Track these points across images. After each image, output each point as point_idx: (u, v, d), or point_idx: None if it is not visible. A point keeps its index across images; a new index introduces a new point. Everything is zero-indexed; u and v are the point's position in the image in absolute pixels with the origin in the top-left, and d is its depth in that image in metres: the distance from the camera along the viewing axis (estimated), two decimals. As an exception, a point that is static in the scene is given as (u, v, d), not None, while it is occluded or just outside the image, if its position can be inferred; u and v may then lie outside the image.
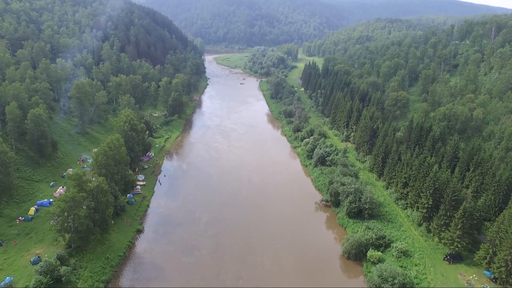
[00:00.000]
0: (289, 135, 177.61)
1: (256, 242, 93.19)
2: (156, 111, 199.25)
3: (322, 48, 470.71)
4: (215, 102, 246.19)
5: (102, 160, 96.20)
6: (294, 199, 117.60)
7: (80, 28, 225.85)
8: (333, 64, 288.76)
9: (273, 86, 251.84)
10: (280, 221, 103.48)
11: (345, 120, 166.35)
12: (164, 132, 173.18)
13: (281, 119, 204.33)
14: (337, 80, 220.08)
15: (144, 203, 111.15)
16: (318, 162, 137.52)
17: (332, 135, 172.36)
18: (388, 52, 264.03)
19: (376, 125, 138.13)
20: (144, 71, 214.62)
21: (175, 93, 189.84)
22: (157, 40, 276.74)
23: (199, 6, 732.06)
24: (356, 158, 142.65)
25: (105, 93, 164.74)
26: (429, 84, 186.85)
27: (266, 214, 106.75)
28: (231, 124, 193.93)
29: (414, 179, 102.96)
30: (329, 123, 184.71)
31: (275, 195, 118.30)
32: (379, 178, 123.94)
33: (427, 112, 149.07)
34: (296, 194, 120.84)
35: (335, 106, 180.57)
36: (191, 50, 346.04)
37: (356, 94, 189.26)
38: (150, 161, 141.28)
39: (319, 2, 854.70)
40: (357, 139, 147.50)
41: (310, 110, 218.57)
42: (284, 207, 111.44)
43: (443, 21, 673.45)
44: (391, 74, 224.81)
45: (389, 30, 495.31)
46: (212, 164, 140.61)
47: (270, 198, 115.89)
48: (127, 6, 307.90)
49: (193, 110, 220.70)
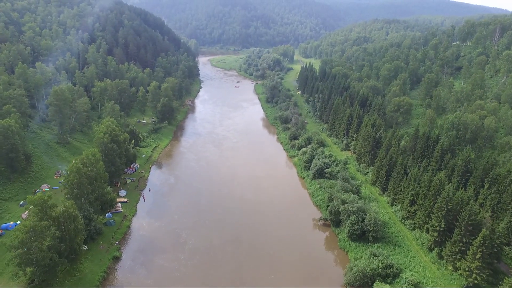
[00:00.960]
0: (285, 143, 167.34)
1: (247, 272, 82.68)
2: (144, 117, 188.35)
3: (319, 49, 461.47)
4: (208, 107, 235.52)
5: (74, 179, 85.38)
6: (291, 217, 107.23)
7: (65, 29, 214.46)
8: (331, 66, 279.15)
9: (269, 90, 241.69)
10: (275, 245, 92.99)
11: (345, 128, 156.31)
12: (152, 140, 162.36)
13: (277, 125, 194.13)
14: (335, 83, 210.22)
15: (124, 223, 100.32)
16: (316, 175, 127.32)
17: (331, 143, 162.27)
18: (387, 54, 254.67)
19: (378, 134, 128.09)
20: (132, 75, 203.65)
21: (164, 99, 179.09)
22: (147, 42, 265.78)
23: (193, 7, 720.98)
24: (357, 170, 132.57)
25: (88, 99, 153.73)
26: (432, 88, 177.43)
27: (260, 238, 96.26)
28: (224, 131, 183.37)
29: (423, 197, 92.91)
30: (328, 129, 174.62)
31: (269, 214, 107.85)
32: (383, 193, 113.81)
33: (433, 119, 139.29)
34: (293, 212, 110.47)
35: (334, 112, 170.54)
36: (184, 52, 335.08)
37: (356, 99, 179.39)
38: (135, 173, 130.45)
39: (315, 3, 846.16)
40: (358, 149, 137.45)
41: (307, 115, 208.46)
42: (280, 228, 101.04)
43: (441, 21, 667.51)
44: (391, 77, 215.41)
45: (387, 31, 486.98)
46: (202, 178, 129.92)
47: (264, 218, 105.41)
48: (117, 7, 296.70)
49: (184, 116, 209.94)
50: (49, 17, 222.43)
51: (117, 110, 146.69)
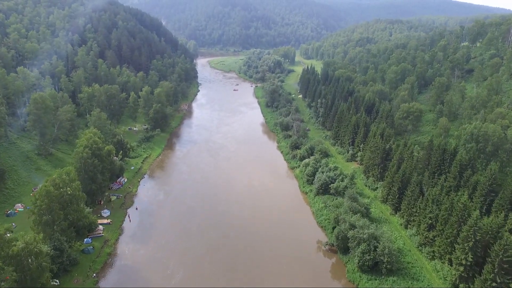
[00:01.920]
0: (286, 152, 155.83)
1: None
2: (136, 124, 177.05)
3: (321, 50, 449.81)
4: (205, 112, 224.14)
5: (43, 204, 74.09)
6: (293, 240, 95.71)
7: (54, 31, 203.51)
8: (333, 68, 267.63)
9: (269, 94, 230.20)
10: (275, 275, 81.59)
11: (350, 136, 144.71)
12: (142, 150, 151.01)
13: (277, 132, 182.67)
14: (339, 87, 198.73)
15: (105, 250, 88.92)
16: (320, 190, 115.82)
17: (335, 152, 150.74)
18: (393, 56, 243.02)
19: (389, 146, 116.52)
20: (124, 79, 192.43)
21: (157, 105, 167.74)
22: (142, 43, 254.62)
23: (193, 8, 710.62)
24: (365, 184, 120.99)
25: (73, 106, 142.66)
26: (443, 93, 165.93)
27: (258, 266, 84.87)
28: (221, 139, 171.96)
29: (443, 222, 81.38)
30: (331, 138, 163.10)
31: (269, 237, 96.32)
32: (395, 212, 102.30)
33: (447, 129, 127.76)
34: (295, 233, 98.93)
35: (338, 119, 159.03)
36: (182, 54, 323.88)
37: (361, 105, 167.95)
38: (121, 189, 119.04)
39: (316, 3, 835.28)
40: (365, 161, 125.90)
41: (309, 121, 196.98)
42: (281, 253, 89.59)
43: (444, 21, 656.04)
44: (398, 80, 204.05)
45: (390, 32, 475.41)
46: (195, 193, 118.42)
47: (263, 243, 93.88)
48: (111, 8, 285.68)
49: (179, 122, 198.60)
50: (37, 18, 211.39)
51: (103, 118, 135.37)
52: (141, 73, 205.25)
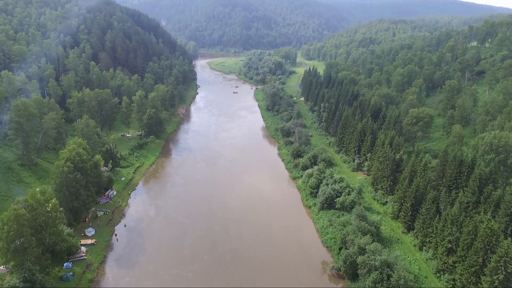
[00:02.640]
0: (287, 160, 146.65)
1: None
2: (130, 130, 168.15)
3: (323, 51, 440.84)
4: (203, 116, 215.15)
5: (11, 230, 65.16)
6: (295, 262, 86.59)
7: (45, 32, 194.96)
8: (336, 70, 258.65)
9: (269, 97, 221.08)
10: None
11: (356, 144, 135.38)
12: (135, 159, 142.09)
13: (278, 138, 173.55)
14: (343, 90, 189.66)
15: (86, 276, 79.83)
16: (324, 205, 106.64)
17: (340, 161, 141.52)
18: (398, 57, 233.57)
19: (399, 156, 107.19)
20: (117, 82, 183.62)
21: (151, 110, 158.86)
22: (138, 45, 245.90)
23: (193, 8, 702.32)
24: (374, 198, 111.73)
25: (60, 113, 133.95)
26: (454, 97, 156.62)
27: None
28: (219, 147, 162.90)
29: (466, 247, 72.11)
30: (336, 144, 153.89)
31: (270, 259, 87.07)
32: (407, 231, 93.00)
33: (461, 137, 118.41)
34: (298, 254, 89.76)
35: (343, 125, 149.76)
36: (180, 55, 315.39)
37: (367, 109, 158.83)
38: (110, 203, 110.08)
39: (318, 3, 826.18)
40: (373, 172, 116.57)
41: (311, 126, 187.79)
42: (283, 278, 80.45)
43: (448, 21, 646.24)
44: (405, 83, 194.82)
45: (394, 32, 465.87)
46: (189, 209, 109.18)
47: (263, 266, 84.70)
48: (107, 8, 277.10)
49: (175, 127, 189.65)
50: (28, 19, 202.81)
51: (92, 126, 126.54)
52: (136, 76, 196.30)
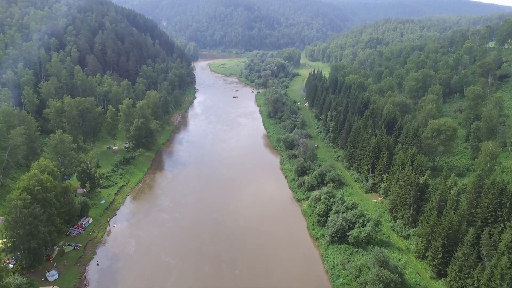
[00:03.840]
0: (291, 177, 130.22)
1: None
2: (116, 142, 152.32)
3: (327, 52, 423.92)
4: (200, 124, 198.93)
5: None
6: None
7: (28, 34, 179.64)
8: (343, 73, 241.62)
9: (271, 103, 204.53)
10: None
11: (370, 161, 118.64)
12: (119, 176, 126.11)
13: (281, 150, 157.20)
14: (351, 97, 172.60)
15: None
16: (335, 237, 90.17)
17: (351, 179, 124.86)
18: (410, 60, 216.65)
19: (424, 181, 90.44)
20: (105, 88, 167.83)
21: (139, 120, 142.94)
22: (132, 47, 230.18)
23: (194, 9, 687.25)
24: (393, 228, 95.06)
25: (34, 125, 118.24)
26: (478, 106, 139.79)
27: None
28: (215, 161, 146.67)
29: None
30: (345, 159, 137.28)
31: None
32: (438, 277, 76.34)
33: (494, 155, 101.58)
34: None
35: (353, 138, 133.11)
36: (178, 57, 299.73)
37: (380, 119, 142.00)
38: (82, 235, 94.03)
39: (322, 3, 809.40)
40: (392, 197, 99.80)
41: (317, 136, 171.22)
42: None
43: (456, 21, 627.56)
44: (419, 88, 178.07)
45: (401, 32, 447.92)
46: (175, 242, 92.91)
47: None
48: (100, 8, 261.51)
49: (169, 137, 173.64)
50: (9, 20, 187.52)
51: (68, 141, 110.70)
52: (126, 81, 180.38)
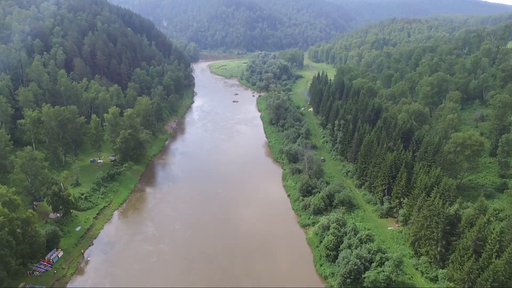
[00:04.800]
0: (294, 196, 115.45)
1: None
2: (102, 154, 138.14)
3: (331, 53, 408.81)
4: (196, 132, 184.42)
5: None
6: None
7: (9, 35, 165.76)
8: (350, 77, 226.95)
9: (273, 109, 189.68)
10: None
11: (386, 181, 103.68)
12: (101, 196, 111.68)
13: (283, 163, 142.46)
14: (360, 104, 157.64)
15: None
16: (347, 279, 75.40)
17: (363, 201, 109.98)
18: (422, 62, 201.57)
19: (455, 212, 75.46)
20: (91, 95, 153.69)
21: (126, 131, 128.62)
22: (124, 49, 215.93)
23: (195, 8, 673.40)
24: (416, 267, 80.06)
25: (5, 138, 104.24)
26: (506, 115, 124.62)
27: None
28: (210, 176, 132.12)
29: None
30: (355, 175, 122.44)
31: None
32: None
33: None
34: None
35: (365, 152, 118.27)
36: (175, 59, 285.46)
37: (394, 130, 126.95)
38: (49, 273, 79.71)
39: (325, 2, 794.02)
40: (414, 229, 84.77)
41: (323, 147, 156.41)
42: None
43: (463, 20, 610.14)
44: (434, 94, 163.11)
45: (408, 32, 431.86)
46: (157, 284, 78.45)
47: None
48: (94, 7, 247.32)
49: (161, 147, 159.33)
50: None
51: (39, 158, 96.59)
52: (115, 86, 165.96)
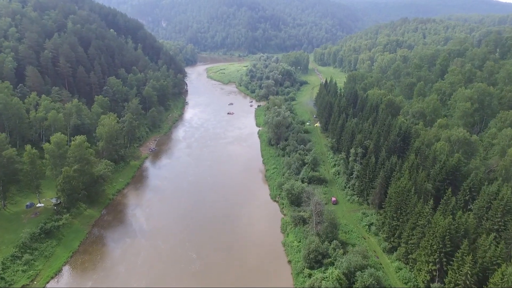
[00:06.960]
0: (298, 267, 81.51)
1: None
2: (43, 196, 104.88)
3: (339, 55, 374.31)
4: (178, 156, 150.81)
5: None
6: None
7: None
8: (363, 86, 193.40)
9: (272, 128, 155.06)
10: None
11: (436, 257, 69.41)
12: (23, 266, 78.51)
13: (283, 205, 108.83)
14: (381, 124, 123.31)
15: None
16: None
17: (397, 279, 75.93)
18: (453, 69, 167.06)
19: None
20: (40, 114, 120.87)
21: (70, 168, 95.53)
22: (99, 54, 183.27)
23: (195, 8, 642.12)
24: None
25: None
26: None
27: None
28: (183, 231, 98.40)
29: None
30: (383, 232, 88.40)
31: None
32: None
33: None
34: None
35: (397, 202, 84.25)
36: (164, 64, 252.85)
37: (433, 168, 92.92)
38: None
39: (330, 2, 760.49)
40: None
41: (335, 180, 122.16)
42: None
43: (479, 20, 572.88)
44: (474, 112, 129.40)
45: (423, 33, 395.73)
46: None
47: None
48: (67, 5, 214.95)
49: (130, 178, 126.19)
50: None
51: None
52: (75, 101, 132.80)
